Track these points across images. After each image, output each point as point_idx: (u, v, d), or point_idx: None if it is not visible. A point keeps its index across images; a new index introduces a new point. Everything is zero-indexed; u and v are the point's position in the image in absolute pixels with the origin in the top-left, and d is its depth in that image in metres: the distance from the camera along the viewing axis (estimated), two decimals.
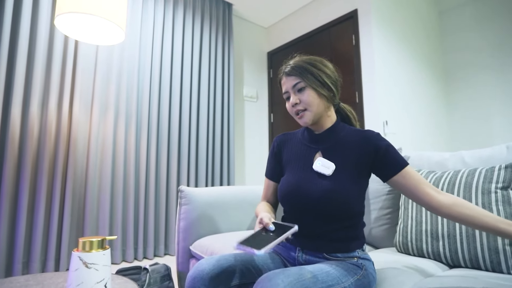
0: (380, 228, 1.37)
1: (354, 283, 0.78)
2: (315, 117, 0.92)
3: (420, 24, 3.37)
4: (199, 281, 0.77)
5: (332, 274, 0.76)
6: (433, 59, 3.48)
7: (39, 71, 2.07)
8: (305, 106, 0.91)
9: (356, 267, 0.82)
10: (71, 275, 0.61)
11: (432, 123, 3.29)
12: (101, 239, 0.65)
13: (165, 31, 2.77)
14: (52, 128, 2.13)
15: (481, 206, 0.98)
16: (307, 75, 0.90)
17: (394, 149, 0.89)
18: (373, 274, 0.85)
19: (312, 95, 0.90)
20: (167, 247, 2.63)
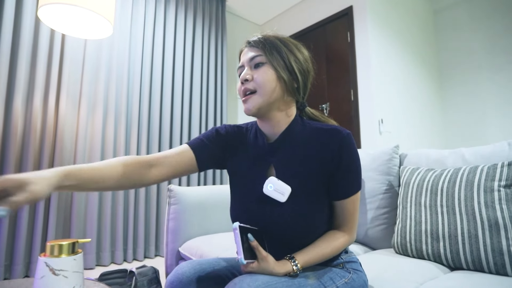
0: (377, 228, 1.32)
1: (341, 287, 0.71)
2: (265, 106, 0.71)
3: (416, 23, 3.34)
4: (178, 285, 0.70)
5: (313, 279, 0.69)
6: (428, 58, 3.45)
7: (23, 65, 1.99)
8: (256, 87, 0.71)
9: (343, 271, 0.76)
10: (36, 283, 0.54)
11: (427, 121, 3.26)
12: (71, 242, 0.58)
13: (157, 26, 2.70)
14: (37, 125, 2.04)
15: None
16: (272, 51, 0.72)
17: (354, 167, 0.72)
18: (364, 277, 0.78)
19: (270, 75, 0.71)
20: (158, 248, 2.56)
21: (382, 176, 1.35)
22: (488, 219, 0.91)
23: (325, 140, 0.72)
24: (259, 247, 0.65)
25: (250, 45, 0.76)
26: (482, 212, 0.93)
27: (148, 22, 2.63)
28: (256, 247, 0.65)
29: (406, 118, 3.00)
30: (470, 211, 0.95)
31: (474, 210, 0.94)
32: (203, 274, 0.73)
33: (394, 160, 1.36)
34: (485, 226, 0.91)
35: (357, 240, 1.38)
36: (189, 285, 0.70)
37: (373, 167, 1.38)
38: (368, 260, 1.03)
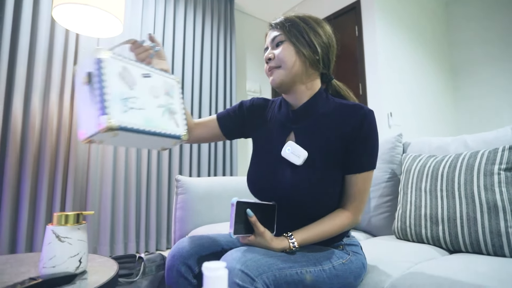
0: (379, 216, 1.33)
1: (338, 267, 0.72)
2: (288, 79, 0.76)
3: (426, 15, 3.29)
4: (178, 259, 0.73)
5: (309, 255, 0.71)
6: (439, 51, 3.39)
7: (40, 65, 2.08)
8: (279, 63, 0.76)
9: (342, 253, 0.77)
10: (44, 249, 0.59)
11: (438, 115, 3.21)
12: (76, 213, 0.63)
13: (166, 25, 2.76)
14: (54, 122, 2.13)
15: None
16: (291, 29, 0.77)
17: (372, 142, 0.74)
18: (363, 260, 0.79)
19: (289, 51, 0.75)
20: (169, 241, 2.62)
21: (385, 165, 1.36)
22: (487, 202, 0.91)
23: (347, 114, 0.75)
24: (257, 222, 0.68)
25: (272, 27, 0.81)
26: (481, 195, 0.93)
27: (158, 20, 2.70)
28: (254, 222, 0.67)
29: (417, 111, 2.97)
30: (469, 194, 0.95)
31: (473, 194, 0.95)
32: (202, 248, 0.76)
33: (397, 149, 1.36)
34: (484, 209, 0.91)
35: (360, 228, 1.39)
36: (189, 258, 0.74)
37: None
38: (368, 244, 1.04)
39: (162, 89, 0.60)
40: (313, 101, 0.79)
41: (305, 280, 0.66)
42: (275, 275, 0.62)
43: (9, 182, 1.92)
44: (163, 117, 0.59)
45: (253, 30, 3.75)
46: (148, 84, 0.59)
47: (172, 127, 0.60)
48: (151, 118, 0.57)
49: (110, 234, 2.29)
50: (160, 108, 0.58)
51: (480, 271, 0.68)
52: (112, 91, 0.53)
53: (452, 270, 0.71)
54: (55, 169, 2.11)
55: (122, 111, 0.54)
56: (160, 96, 0.59)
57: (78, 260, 0.61)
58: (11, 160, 1.93)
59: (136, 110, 0.55)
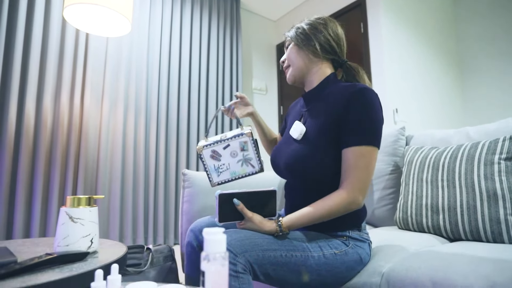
0: (383, 208, 1.34)
1: (329, 256, 0.74)
2: (297, 74, 0.90)
3: (433, 11, 3.27)
4: (196, 232, 0.87)
5: (300, 242, 0.74)
6: (447, 46, 3.37)
7: (51, 64, 2.15)
8: (289, 62, 0.92)
9: (340, 243, 0.78)
10: (58, 229, 0.63)
11: (445, 112, 3.19)
12: (88, 197, 0.67)
13: (173, 24, 2.81)
14: (65, 120, 2.20)
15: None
16: (297, 33, 0.90)
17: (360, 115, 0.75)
18: (362, 256, 0.79)
19: (293, 50, 0.90)
20: (177, 237, 2.67)
21: (388, 157, 1.37)
22: (487, 190, 0.92)
23: (341, 94, 0.80)
24: (244, 209, 0.73)
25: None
26: (481, 184, 0.94)
27: (165, 19, 2.75)
28: (241, 209, 0.73)
29: (423, 107, 2.96)
30: (469, 183, 0.97)
31: (473, 183, 0.96)
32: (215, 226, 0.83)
33: (400, 142, 1.38)
34: (484, 197, 0.92)
35: None
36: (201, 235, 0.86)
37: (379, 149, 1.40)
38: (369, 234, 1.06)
39: (238, 148, 0.88)
40: (320, 86, 0.88)
41: (289, 263, 0.69)
42: (258, 255, 0.67)
43: (23, 179, 1.99)
44: (242, 166, 0.89)
45: (259, 29, 3.78)
46: (229, 151, 0.88)
47: (249, 170, 0.90)
48: (234, 171, 0.90)
49: (119, 229, 2.34)
50: (239, 162, 0.89)
51: (476, 255, 0.70)
52: (210, 167, 0.90)
53: (449, 255, 0.72)
54: (66, 166, 2.17)
55: (217, 176, 0.91)
56: (238, 153, 0.89)
57: (89, 240, 0.64)
58: (24, 157, 2.00)
59: (224, 171, 0.90)
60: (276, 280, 0.71)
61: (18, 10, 2.03)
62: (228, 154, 0.89)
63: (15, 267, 0.51)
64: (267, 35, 3.86)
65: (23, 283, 0.47)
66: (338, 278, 0.76)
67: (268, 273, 0.69)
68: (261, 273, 0.68)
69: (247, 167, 0.89)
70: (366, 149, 0.74)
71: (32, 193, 2.04)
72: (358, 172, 0.74)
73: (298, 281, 0.71)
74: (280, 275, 0.70)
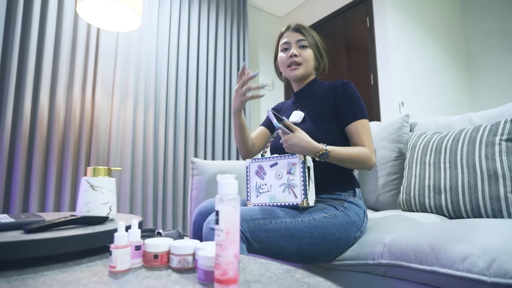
0: (387, 194, 1.37)
1: (318, 219, 0.80)
2: (305, 74, 1.06)
3: (440, 5, 3.27)
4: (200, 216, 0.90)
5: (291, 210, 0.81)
6: (454, 40, 3.37)
7: (64, 59, 2.22)
8: (302, 61, 1.04)
9: (331, 207, 0.85)
10: (80, 196, 0.68)
11: (453, 105, 3.19)
12: (106, 168, 0.71)
13: (181, 20, 2.87)
14: (77, 113, 2.26)
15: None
16: (311, 38, 1.06)
17: (351, 99, 0.96)
18: (353, 218, 0.86)
19: (311, 55, 1.06)
20: (185, 229, 2.72)
21: (393, 144, 1.40)
22: (487, 170, 0.95)
23: (331, 87, 1.03)
24: (292, 125, 0.84)
25: (294, 30, 1.06)
26: (482, 164, 0.97)
27: (173, 15, 2.80)
28: (289, 125, 0.83)
29: (430, 101, 2.96)
30: (471, 164, 0.99)
31: (474, 163, 0.99)
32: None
33: (404, 129, 1.40)
34: (485, 177, 0.95)
35: (368, 205, 1.44)
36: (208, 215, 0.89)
37: (384, 136, 1.43)
38: (372, 216, 1.09)
39: (285, 170, 0.83)
40: (308, 86, 1.09)
41: (281, 229, 0.76)
42: (249, 224, 0.74)
43: (37, 170, 2.06)
44: (284, 193, 0.83)
45: (265, 25, 3.82)
46: (274, 170, 0.85)
47: (290, 199, 0.82)
48: (274, 195, 0.85)
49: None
50: (282, 186, 0.84)
51: (472, 225, 0.73)
52: (251, 184, 0.89)
53: (448, 225, 0.75)
54: (78, 158, 2.24)
55: (255, 196, 0.88)
56: (283, 176, 0.84)
57: (108, 208, 0.69)
58: (39, 149, 2.07)
59: (264, 193, 0.86)
60: (271, 247, 0.75)
61: (32, 6, 2.11)
62: (273, 174, 0.85)
63: (44, 223, 0.55)
64: (273, 31, 3.89)
65: (52, 235, 0.51)
66: (333, 240, 0.80)
67: (261, 240, 0.74)
68: (255, 240, 0.74)
69: (288, 194, 0.82)
70: (365, 121, 0.96)
71: (46, 184, 2.11)
72: (367, 137, 0.94)
73: (292, 245, 0.76)
74: (273, 241, 0.75)
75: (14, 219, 0.59)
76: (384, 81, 2.72)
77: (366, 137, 0.93)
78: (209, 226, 0.75)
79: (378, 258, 0.76)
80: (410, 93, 2.79)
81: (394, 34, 2.76)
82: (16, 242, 0.47)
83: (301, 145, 0.80)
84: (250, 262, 0.53)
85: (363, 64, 2.92)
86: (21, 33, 2.09)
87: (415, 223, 0.90)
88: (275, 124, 0.79)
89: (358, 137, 0.93)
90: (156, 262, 0.50)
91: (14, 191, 1.97)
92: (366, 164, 0.91)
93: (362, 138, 0.93)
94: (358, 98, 0.99)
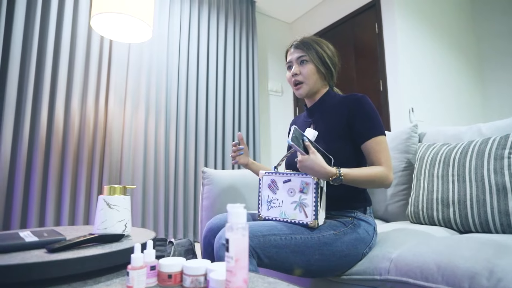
0: (396, 204, 1.37)
1: (328, 236, 0.82)
2: (311, 91, 1.03)
3: (450, 9, 3.25)
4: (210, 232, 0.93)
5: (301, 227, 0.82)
6: (465, 44, 3.33)
7: (78, 70, 2.29)
8: (303, 79, 1.02)
9: (341, 224, 0.86)
10: (97, 214, 0.72)
11: (466, 112, 3.16)
12: (122, 187, 0.75)
13: (191, 29, 2.92)
14: (91, 122, 2.33)
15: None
16: (312, 51, 1.01)
17: (367, 115, 0.93)
18: (362, 235, 0.87)
19: (312, 70, 1.01)
20: (196, 235, 2.76)
21: (401, 154, 1.40)
22: (496, 184, 0.95)
23: (345, 102, 0.99)
24: (311, 146, 0.83)
25: (295, 47, 1.05)
26: (491, 178, 0.97)
27: (183, 25, 2.86)
28: (308, 145, 0.83)
29: (440, 106, 2.94)
30: (479, 177, 1.00)
31: (483, 177, 0.99)
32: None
33: (413, 139, 1.41)
34: (493, 191, 0.95)
35: (376, 215, 1.45)
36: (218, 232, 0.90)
37: (392, 146, 1.43)
38: (380, 228, 1.10)
39: (298, 188, 0.85)
40: (322, 99, 1.05)
41: (290, 245, 0.77)
42: (259, 240, 0.76)
43: (53, 176, 2.12)
44: (295, 210, 0.84)
45: (274, 31, 3.85)
46: (287, 187, 0.87)
47: (301, 217, 0.83)
48: (285, 211, 0.86)
49: (141, 224, 2.45)
50: (293, 203, 0.85)
51: (479, 242, 0.73)
52: (263, 197, 0.91)
53: (455, 242, 0.76)
54: (92, 165, 2.30)
55: (266, 209, 0.89)
56: (296, 194, 0.85)
57: (124, 225, 0.73)
58: (55, 155, 2.14)
59: (275, 208, 0.88)
60: (281, 263, 0.78)
61: (48, 20, 2.18)
62: (286, 190, 0.86)
63: (66, 242, 0.59)
64: (282, 37, 3.92)
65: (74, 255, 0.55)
66: (341, 257, 0.82)
67: (271, 256, 0.76)
68: (265, 256, 0.76)
69: (299, 213, 0.83)
70: (382, 138, 0.93)
71: (62, 189, 2.17)
72: (385, 154, 0.91)
73: (302, 261, 0.78)
74: (284, 257, 0.77)
75: (37, 237, 0.63)
76: (393, 87, 2.72)
77: (383, 155, 0.91)
78: (221, 241, 0.77)
79: (385, 274, 0.78)
80: (420, 99, 2.77)
81: (403, 40, 2.75)
82: (42, 263, 0.50)
83: (314, 168, 0.80)
84: (258, 281, 0.55)
85: (372, 70, 2.92)
86: (38, 47, 2.17)
87: (423, 237, 0.91)
88: (288, 141, 0.80)
89: (375, 155, 0.91)
90: (170, 282, 0.53)
91: (32, 194, 2.04)
92: (383, 183, 0.89)
93: (379, 157, 0.90)
94: (375, 113, 0.95)
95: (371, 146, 0.92)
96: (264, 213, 0.90)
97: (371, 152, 0.92)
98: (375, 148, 0.91)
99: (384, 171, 0.88)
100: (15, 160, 2.05)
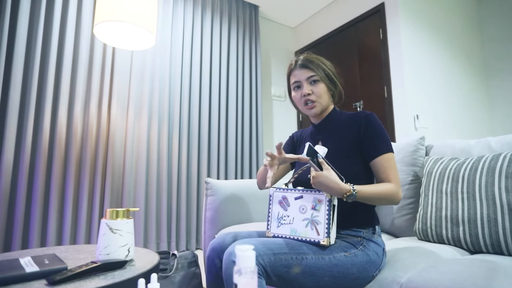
0: (402, 218, 1.35)
1: (339, 257, 0.80)
2: (322, 110, 1.04)
3: (455, 13, 3.22)
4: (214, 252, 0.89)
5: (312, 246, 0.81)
6: (471, 49, 3.30)
7: (81, 77, 2.28)
8: (316, 98, 1.02)
9: (351, 246, 0.85)
10: (99, 239, 0.70)
11: (471, 118, 3.12)
12: (125, 210, 0.73)
13: (194, 35, 2.91)
14: (93, 128, 2.32)
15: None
16: (320, 70, 1.02)
17: (376, 133, 0.94)
18: (373, 257, 0.85)
19: (324, 89, 1.02)
20: (199, 242, 2.74)
21: (408, 167, 1.38)
22: (508, 203, 0.93)
23: (354, 119, 1.00)
24: (325, 163, 0.83)
25: (302, 66, 1.03)
26: (503, 197, 0.95)
27: (186, 31, 2.85)
28: (322, 162, 0.82)
29: (446, 113, 2.91)
30: (490, 196, 0.97)
31: (494, 195, 0.96)
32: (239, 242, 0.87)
33: (420, 152, 1.38)
34: (505, 210, 0.93)
35: (383, 229, 1.42)
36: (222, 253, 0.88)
37: (398, 158, 1.41)
38: (389, 245, 1.08)
39: (310, 205, 0.83)
40: (328, 117, 1.07)
41: (301, 265, 0.76)
42: (270, 258, 0.74)
43: (56, 183, 2.12)
44: (306, 228, 0.83)
45: (277, 36, 3.84)
46: (299, 204, 0.85)
47: (312, 235, 0.82)
48: (296, 229, 0.84)
49: (144, 234, 2.44)
50: (305, 220, 0.83)
51: (493, 269, 0.71)
52: (273, 213, 0.89)
53: (467, 268, 0.74)
54: (95, 171, 2.29)
55: (276, 226, 0.87)
56: (307, 211, 0.83)
57: (127, 249, 0.71)
58: (57, 162, 2.13)
59: (285, 225, 0.86)
60: (290, 282, 0.76)
61: (52, 28, 2.18)
62: (297, 207, 0.85)
63: (67, 273, 0.57)
64: (285, 42, 3.90)
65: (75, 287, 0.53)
66: (352, 280, 0.80)
67: (281, 275, 0.75)
68: (274, 274, 0.74)
69: (311, 230, 0.81)
70: (391, 155, 0.94)
71: (64, 196, 2.16)
72: (394, 172, 0.92)
73: (312, 282, 0.76)
74: (293, 277, 0.75)
75: (38, 265, 0.61)
76: (398, 93, 2.69)
77: (392, 172, 0.92)
78: (231, 258, 0.75)
79: None
80: (425, 106, 2.75)
81: (407, 46, 2.73)
82: None
83: (328, 185, 0.79)
84: None
85: (376, 76, 2.90)
86: (41, 54, 2.17)
87: (433, 259, 0.89)
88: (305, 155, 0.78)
89: (384, 172, 0.92)
90: None
91: (34, 202, 2.03)
92: (392, 201, 0.89)
93: (388, 174, 0.92)
94: (383, 131, 0.96)
95: (381, 163, 0.93)
96: (273, 230, 0.88)
97: (381, 169, 0.93)
98: (384, 165, 0.93)
99: (394, 188, 0.89)
100: (18, 167, 2.04)
